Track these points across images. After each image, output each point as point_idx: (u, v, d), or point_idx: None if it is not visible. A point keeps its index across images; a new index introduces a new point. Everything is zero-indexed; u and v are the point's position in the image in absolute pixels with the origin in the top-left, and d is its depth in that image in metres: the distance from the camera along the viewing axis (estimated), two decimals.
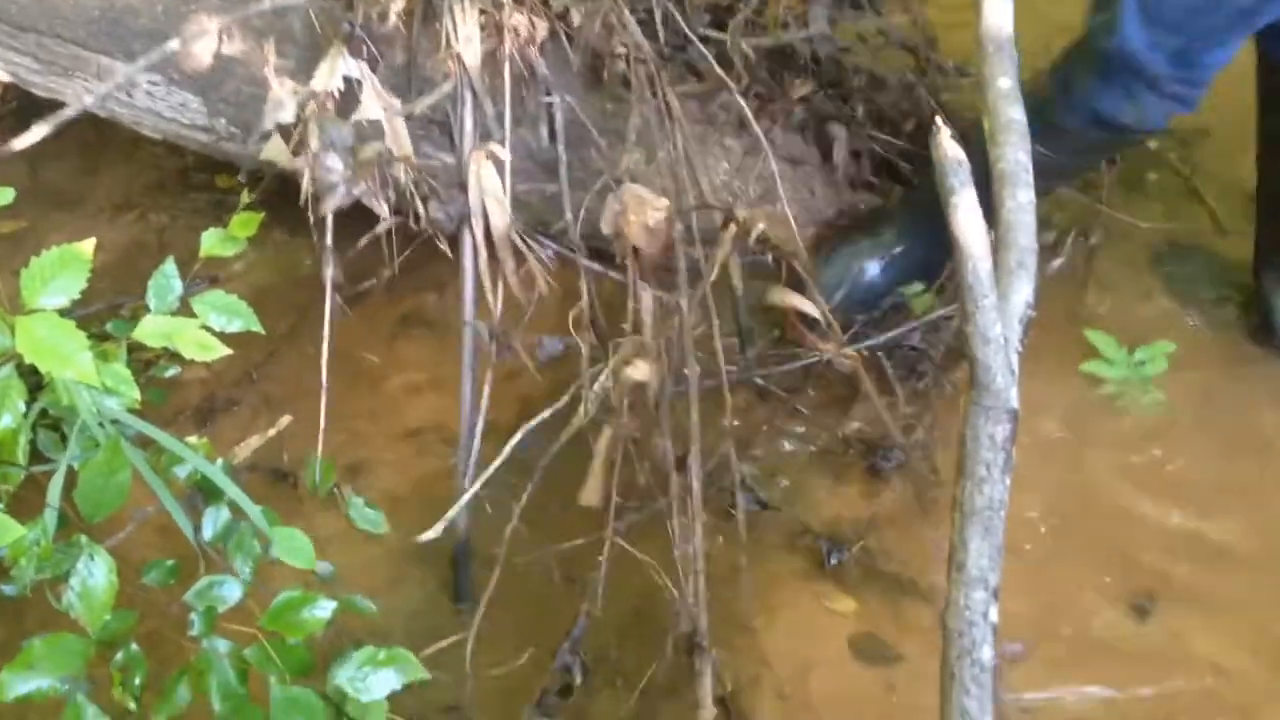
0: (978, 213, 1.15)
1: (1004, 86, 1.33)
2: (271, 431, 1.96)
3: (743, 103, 2.15)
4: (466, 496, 1.68)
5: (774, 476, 1.90)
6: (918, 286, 2.12)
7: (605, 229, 1.78)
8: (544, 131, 2.03)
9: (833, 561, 1.79)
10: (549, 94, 1.99)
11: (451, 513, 1.64)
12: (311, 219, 1.80)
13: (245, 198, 1.88)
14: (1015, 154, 1.30)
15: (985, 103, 1.33)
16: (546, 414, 1.66)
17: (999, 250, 1.25)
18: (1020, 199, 1.28)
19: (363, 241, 1.88)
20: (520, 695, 1.61)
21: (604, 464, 1.67)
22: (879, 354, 2.03)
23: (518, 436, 1.65)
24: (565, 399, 1.67)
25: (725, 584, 1.70)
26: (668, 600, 1.59)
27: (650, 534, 1.72)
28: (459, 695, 1.60)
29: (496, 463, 1.64)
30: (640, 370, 1.60)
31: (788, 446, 1.95)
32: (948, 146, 1.12)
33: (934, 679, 1.13)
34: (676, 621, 1.53)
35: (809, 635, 1.69)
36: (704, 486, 1.61)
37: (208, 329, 1.43)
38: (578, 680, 1.62)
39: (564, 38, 1.98)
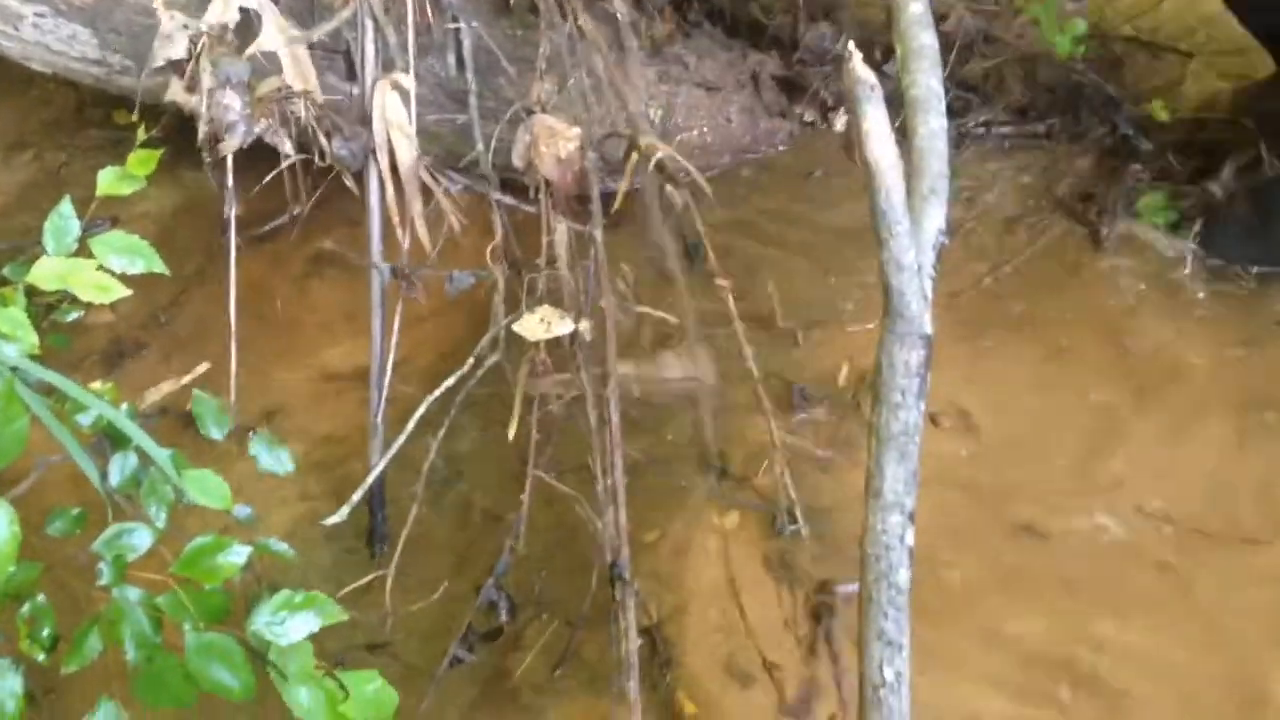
0: (890, 139, 1.14)
1: (915, 11, 1.32)
2: (186, 379, 1.91)
3: (657, 29, 2.13)
4: (376, 471, 1.64)
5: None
6: None
7: (516, 161, 1.75)
8: (451, 60, 1.98)
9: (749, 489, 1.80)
10: (455, 20, 1.94)
11: (357, 496, 1.59)
12: (210, 160, 1.74)
13: (142, 134, 1.81)
14: (927, 80, 1.30)
15: (897, 29, 1.32)
16: (454, 378, 1.62)
17: (911, 178, 1.25)
18: (933, 125, 1.28)
19: (265, 180, 1.82)
20: (444, 632, 1.60)
21: (523, 400, 1.65)
22: None
23: (436, 393, 1.61)
24: (481, 344, 1.64)
25: (645, 516, 1.70)
26: (591, 534, 1.59)
27: (571, 468, 1.72)
28: (382, 634, 1.58)
29: (411, 422, 1.60)
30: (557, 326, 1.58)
31: None
32: (859, 70, 1.11)
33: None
34: (600, 554, 1.52)
35: (728, 561, 1.70)
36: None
37: (108, 271, 1.38)
38: (504, 616, 1.61)
39: None
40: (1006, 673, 1.55)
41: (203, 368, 1.88)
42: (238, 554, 1.32)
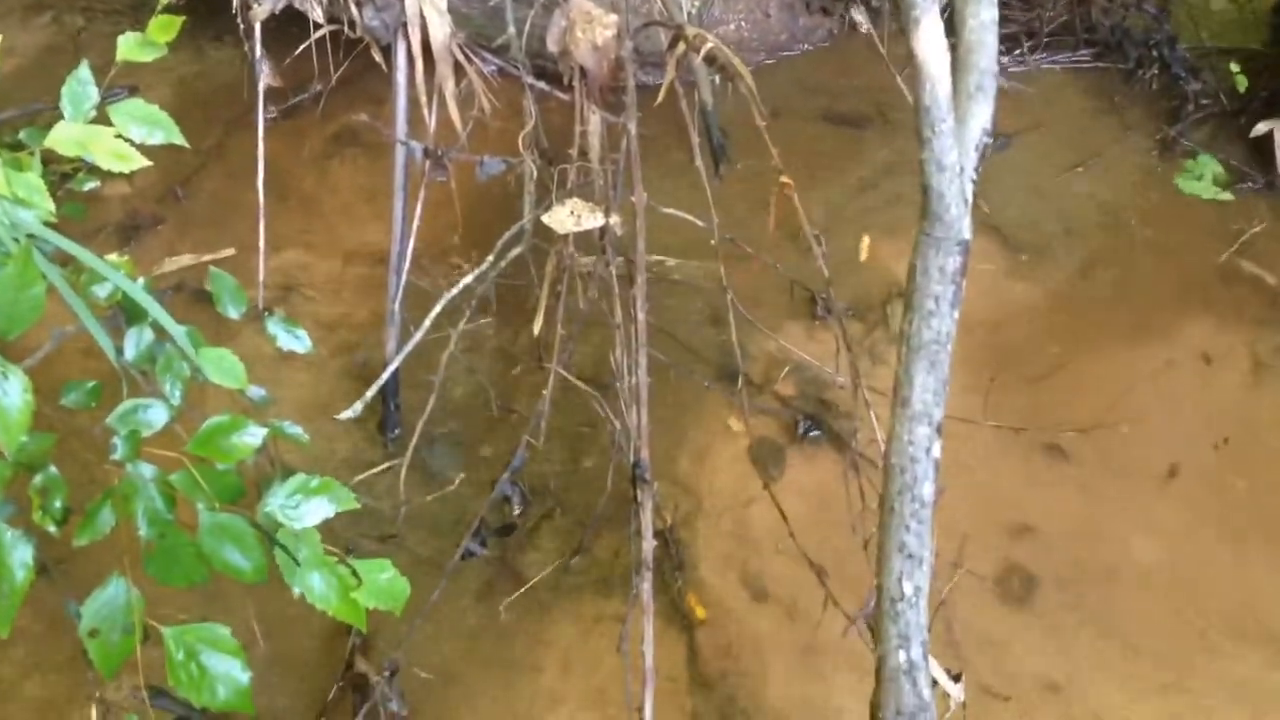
0: (940, 32, 1.08)
1: None
2: (207, 257, 1.88)
3: None
4: (391, 368, 1.61)
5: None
6: None
7: (551, 46, 1.68)
8: None
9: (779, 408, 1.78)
10: None
11: (370, 393, 1.56)
12: (242, 26, 1.69)
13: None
14: None
15: None
16: (476, 272, 1.58)
17: (957, 73, 1.19)
18: (984, 16, 1.21)
19: (297, 51, 1.77)
20: (457, 525, 1.59)
21: (549, 293, 1.62)
22: None
23: (457, 287, 1.57)
24: (507, 235, 1.60)
25: (665, 421, 1.68)
26: (609, 433, 1.56)
27: (590, 372, 1.69)
28: (393, 524, 1.57)
29: (429, 318, 1.57)
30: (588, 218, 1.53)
31: None
32: None
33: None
34: (618, 453, 1.50)
35: (747, 471, 1.68)
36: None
37: (126, 139, 1.34)
38: (517, 511, 1.60)
39: None
40: None
41: (227, 252, 1.85)
42: (253, 434, 1.30)
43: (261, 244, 1.66)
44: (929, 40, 1.08)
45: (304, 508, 1.27)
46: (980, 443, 1.68)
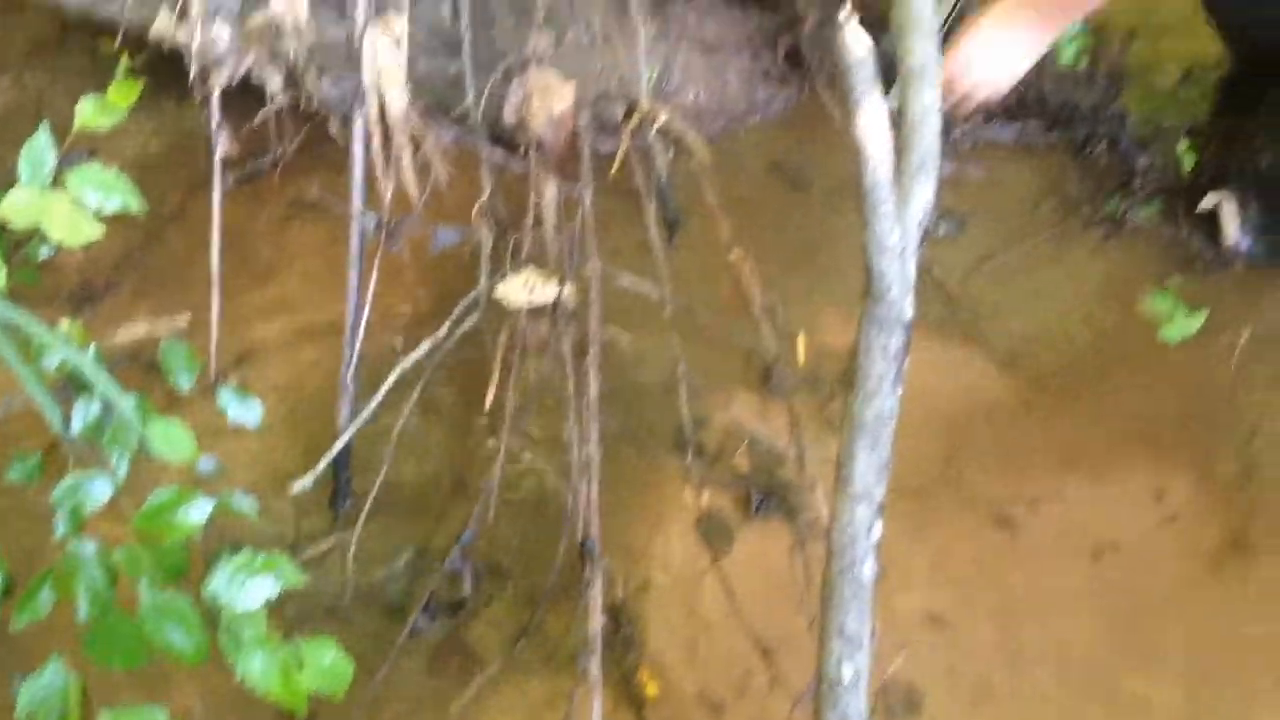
0: (881, 114, 1.09)
1: None
2: (162, 327, 1.87)
3: None
4: (343, 439, 1.61)
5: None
6: None
7: (508, 117, 1.71)
8: (446, 7, 1.93)
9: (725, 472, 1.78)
10: None
11: (322, 464, 1.57)
12: (198, 96, 1.70)
13: (125, 63, 1.76)
14: (925, 48, 1.25)
15: None
16: (437, 335, 1.59)
17: (900, 153, 1.21)
18: (927, 98, 1.23)
19: (252, 121, 1.78)
20: (406, 600, 1.58)
21: (501, 364, 1.62)
22: None
23: (411, 357, 1.58)
24: (461, 306, 1.61)
25: (619, 493, 1.68)
26: (562, 506, 1.56)
27: (545, 439, 1.69)
28: (341, 599, 1.56)
29: (382, 389, 1.57)
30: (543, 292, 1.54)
31: None
32: (851, 39, 1.06)
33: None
34: (570, 527, 1.50)
35: (700, 544, 1.68)
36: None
37: (84, 206, 1.35)
38: (468, 586, 1.59)
39: None
40: None
41: (183, 319, 1.84)
42: (200, 509, 1.29)
43: (215, 314, 1.66)
44: (870, 122, 1.09)
45: (248, 586, 1.26)
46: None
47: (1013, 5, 1.88)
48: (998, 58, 1.91)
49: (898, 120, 1.19)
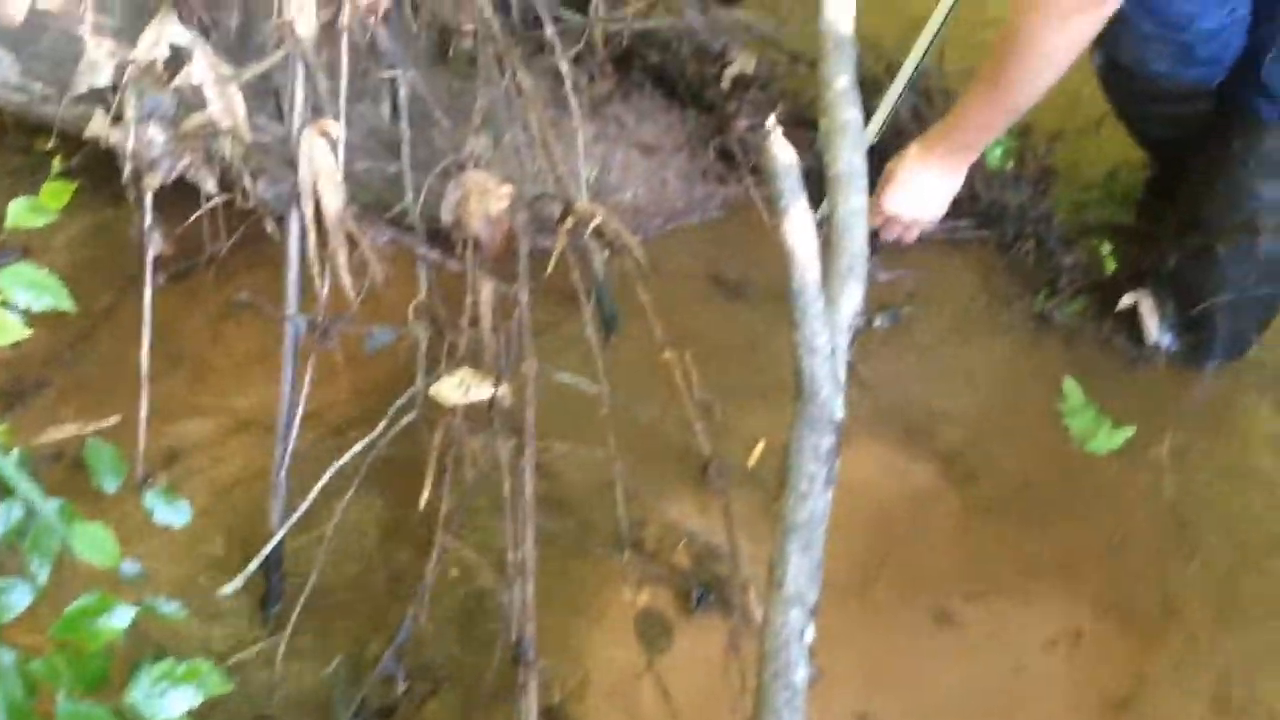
0: (807, 220, 1.12)
1: (842, 86, 1.31)
2: (90, 427, 1.83)
3: (597, 87, 2.12)
4: (275, 540, 1.60)
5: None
6: None
7: (445, 217, 1.72)
8: (385, 107, 1.95)
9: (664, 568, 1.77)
10: (392, 68, 1.91)
11: (253, 565, 1.55)
12: (132, 196, 1.70)
13: (58, 165, 1.75)
14: (851, 156, 1.28)
15: (822, 102, 1.31)
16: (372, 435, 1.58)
17: (829, 256, 1.23)
18: (853, 203, 1.26)
19: (188, 221, 1.78)
20: (339, 705, 1.54)
21: (437, 464, 1.61)
22: None
23: (345, 457, 1.57)
24: (396, 405, 1.60)
25: (556, 591, 1.67)
26: (498, 604, 1.54)
27: (482, 536, 1.68)
28: (269, 706, 1.52)
29: (315, 489, 1.56)
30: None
31: None
32: (777, 148, 1.09)
33: None
34: (507, 629, 1.48)
35: (637, 641, 1.66)
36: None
37: (12, 306, 1.34)
38: (401, 690, 1.56)
39: (410, 9, 1.90)
40: None
41: (111, 421, 1.81)
42: (121, 616, 1.26)
43: (143, 413, 1.63)
44: (797, 228, 1.12)
45: (170, 695, 1.23)
46: None
47: (925, 147, 2.01)
48: (924, 195, 2.10)
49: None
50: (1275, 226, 1.99)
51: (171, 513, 1.52)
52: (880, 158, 2.17)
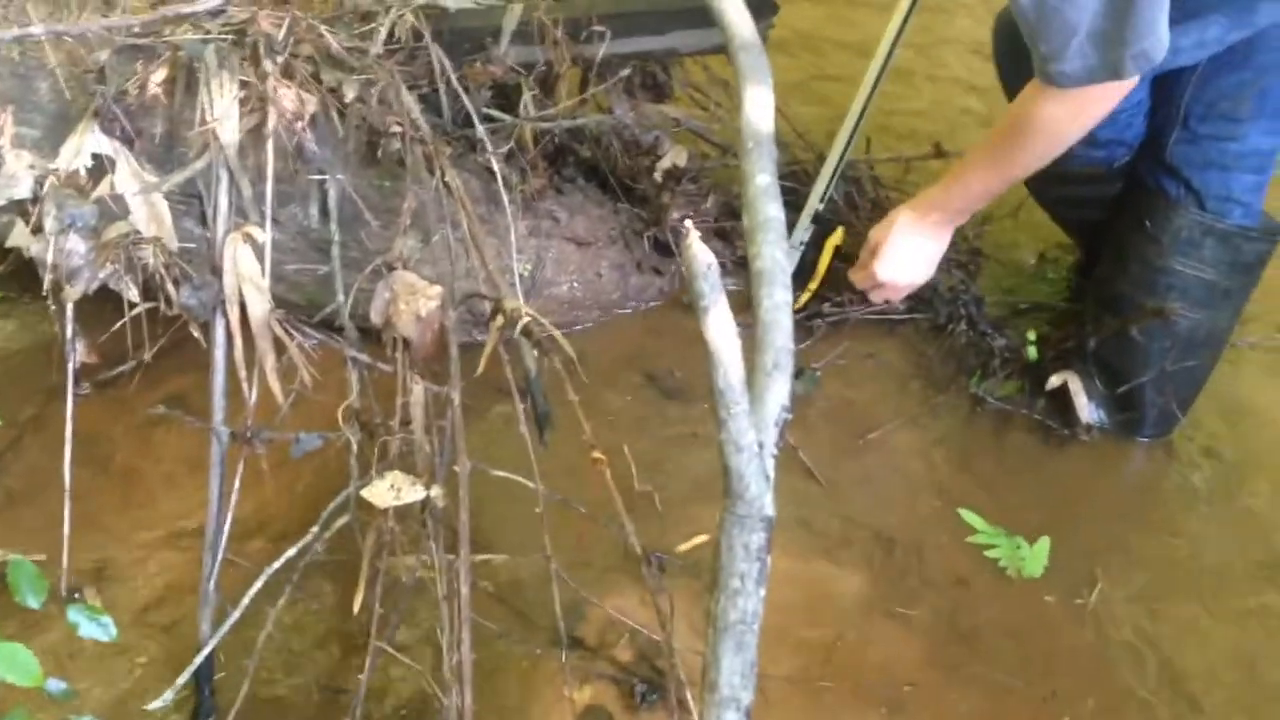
0: (729, 318, 1.12)
1: (763, 183, 1.33)
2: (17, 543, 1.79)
3: (529, 183, 2.13)
4: (204, 653, 1.57)
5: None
6: None
7: (375, 319, 1.71)
8: (315, 209, 1.95)
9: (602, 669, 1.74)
10: (321, 171, 1.91)
11: (181, 679, 1.52)
12: (54, 307, 1.68)
13: None
14: (772, 252, 1.30)
15: (744, 200, 1.33)
16: (304, 540, 1.56)
17: (754, 352, 1.24)
18: (777, 298, 1.27)
19: (113, 329, 1.76)
20: None
21: (370, 568, 1.58)
22: None
23: (275, 565, 1.55)
24: (328, 510, 1.58)
25: (496, 692, 1.64)
26: (436, 710, 1.51)
27: (419, 641, 1.65)
28: None
29: (246, 598, 1.53)
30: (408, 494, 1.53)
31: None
32: (696, 249, 1.10)
33: None
34: None
35: None
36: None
37: None
38: None
39: (336, 113, 1.91)
40: None
41: (39, 532, 1.77)
42: None
43: (66, 527, 1.60)
44: (718, 328, 1.12)
45: None
46: None
47: (919, 213, 2.03)
48: (918, 259, 2.13)
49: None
50: (1190, 303, 2.04)
51: (97, 628, 1.50)
52: (821, 235, 2.21)
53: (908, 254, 2.09)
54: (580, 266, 2.24)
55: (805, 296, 2.27)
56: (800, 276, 2.21)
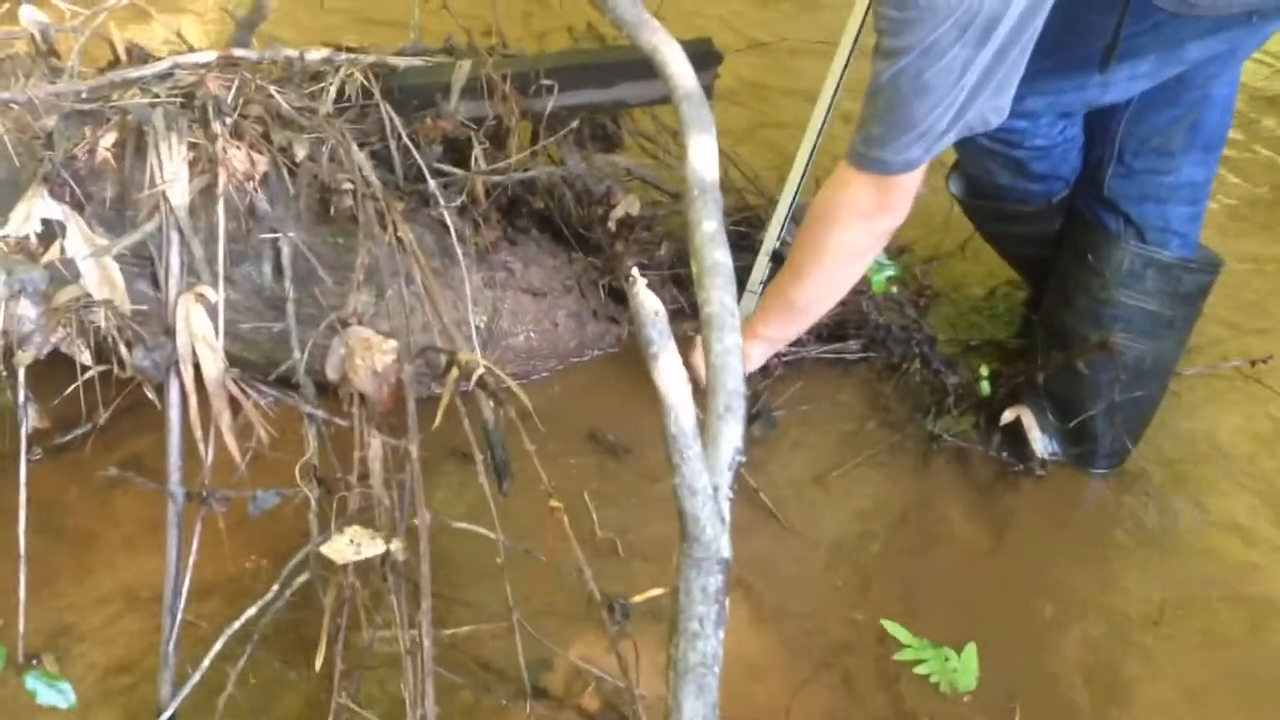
0: (679, 364, 1.14)
1: (709, 230, 1.35)
2: None
3: (483, 235, 2.15)
4: (170, 708, 1.56)
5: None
6: None
7: (331, 374, 1.71)
8: (268, 268, 1.95)
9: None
10: (273, 230, 1.92)
11: None
12: (4, 372, 1.67)
13: None
14: (721, 296, 1.31)
15: (691, 246, 1.34)
16: (256, 607, 1.55)
17: (708, 395, 1.25)
18: (727, 342, 1.29)
19: (66, 392, 1.75)
20: None
21: (331, 623, 1.58)
22: None
23: (235, 625, 1.54)
24: (288, 568, 1.57)
25: None
26: None
27: (383, 697, 1.64)
28: None
29: (206, 659, 1.53)
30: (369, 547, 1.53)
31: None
32: (644, 297, 1.12)
33: None
34: None
35: None
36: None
37: None
38: None
39: (287, 172, 1.92)
40: None
41: None
42: None
43: (23, 592, 1.58)
44: (668, 374, 1.14)
45: None
46: None
47: (748, 334, 2.03)
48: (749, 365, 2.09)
49: None
50: (1135, 334, 2.08)
51: (55, 694, 1.49)
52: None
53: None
54: (536, 316, 2.25)
55: None
56: None
